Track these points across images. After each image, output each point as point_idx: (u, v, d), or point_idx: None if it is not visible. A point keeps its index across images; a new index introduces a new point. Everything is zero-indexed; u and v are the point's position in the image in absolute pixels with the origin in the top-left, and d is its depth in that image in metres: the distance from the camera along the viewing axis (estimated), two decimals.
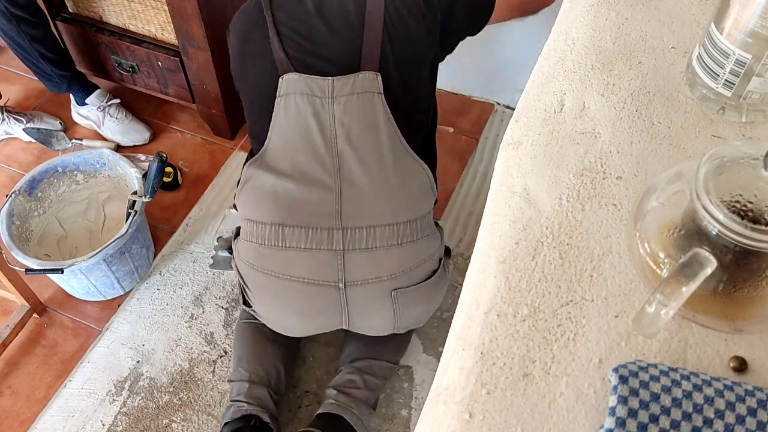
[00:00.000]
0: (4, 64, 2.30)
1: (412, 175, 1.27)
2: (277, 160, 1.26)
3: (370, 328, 1.38)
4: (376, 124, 1.23)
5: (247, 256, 1.31)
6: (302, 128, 1.23)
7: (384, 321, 1.34)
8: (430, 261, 1.31)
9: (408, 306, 1.32)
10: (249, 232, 1.30)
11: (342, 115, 1.22)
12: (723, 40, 0.64)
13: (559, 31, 0.79)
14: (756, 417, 0.47)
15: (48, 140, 2.07)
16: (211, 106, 1.99)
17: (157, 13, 1.80)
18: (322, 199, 1.24)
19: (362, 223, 1.24)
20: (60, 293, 1.78)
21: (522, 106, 0.72)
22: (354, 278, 1.26)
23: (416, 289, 1.31)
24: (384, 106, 1.22)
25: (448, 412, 0.52)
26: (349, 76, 1.22)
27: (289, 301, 1.31)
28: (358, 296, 1.28)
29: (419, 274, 1.30)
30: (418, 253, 1.28)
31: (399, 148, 1.24)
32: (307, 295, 1.28)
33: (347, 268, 1.25)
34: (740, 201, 0.49)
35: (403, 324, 1.37)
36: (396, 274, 1.27)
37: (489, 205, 0.65)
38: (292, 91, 1.23)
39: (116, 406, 1.60)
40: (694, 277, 0.48)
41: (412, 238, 1.27)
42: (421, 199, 1.29)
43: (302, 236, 1.25)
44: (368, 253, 1.25)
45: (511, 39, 1.98)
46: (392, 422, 1.57)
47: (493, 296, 0.57)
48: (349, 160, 1.22)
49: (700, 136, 0.67)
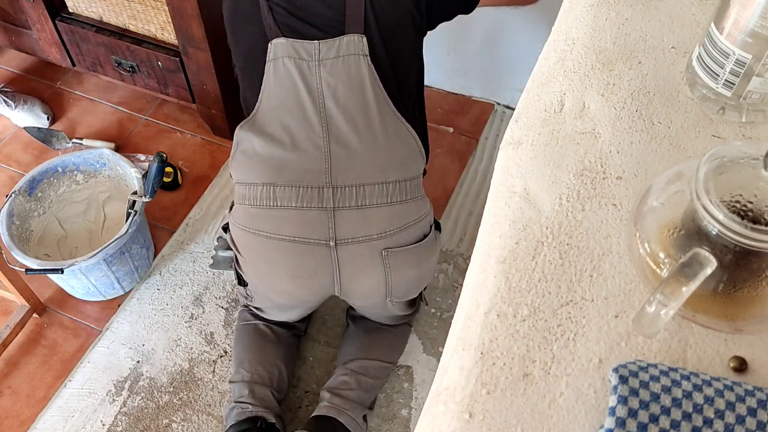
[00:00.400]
0: (4, 64, 2.30)
1: (399, 137, 1.29)
2: (266, 122, 1.28)
3: (361, 294, 1.38)
4: (362, 85, 1.26)
5: (240, 218, 1.33)
6: (291, 90, 1.27)
7: (376, 284, 1.34)
8: (419, 223, 1.33)
9: (399, 269, 1.32)
10: (242, 195, 1.32)
11: (328, 77, 1.25)
12: (723, 40, 0.64)
13: (559, 31, 0.79)
14: (756, 417, 0.47)
15: (48, 140, 2.08)
16: (211, 106, 1.99)
17: (157, 13, 1.80)
18: (311, 158, 1.26)
19: (352, 181, 1.26)
20: (60, 293, 1.78)
21: (522, 106, 0.72)
22: (344, 236, 1.27)
23: (407, 250, 1.32)
24: (370, 67, 1.26)
25: (448, 412, 0.52)
26: (335, 39, 1.26)
27: (280, 262, 1.31)
28: (349, 255, 1.29)
29: (409, 235, 1.32)
30: (407, 213, 1.30)
31: (386, 109, 1.27)
32: (298, 254, 1.29)
33: (338, 226, 1.27)
34: (740, 201, 0.49)
35: (396, 290, 1.37)
36: (386, 233, 1.28)
37: (489, 205, 0.65)
38: (280, 55, 1.27)
39: (116, 406, 1.60)
40: (694, 277, 0.48)
41: (401, 198, 1.29)
42: (409, 160, 1.31)
43: (293, 195, 1.26)
44: (358, 211, 1.27)
45: (511, 39, 1.98)
46: (392, 422, 1.57)
47: (493, 296, 0.57)
48: (336, 120, 1.25)
49: (700, 136, 0.67)
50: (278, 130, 1.28)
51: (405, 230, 1.30)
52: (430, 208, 1.38)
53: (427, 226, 1.36)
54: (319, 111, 1.26)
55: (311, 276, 1.32)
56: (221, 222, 1.91)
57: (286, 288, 1.36)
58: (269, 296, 1.42)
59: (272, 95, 1.28)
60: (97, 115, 2.17)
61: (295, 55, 1.26)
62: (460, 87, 2.17)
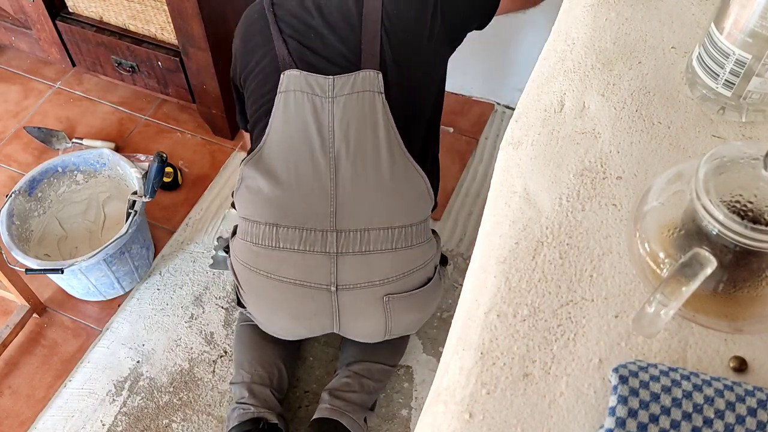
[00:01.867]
0: (4, 64, 2.30)
1: (408, 180, 1.26)
2: (273, 159, 1.25)
3: (361, 334, 1.38)
4: (375, 124, 1.22)
5: (241, 254, 1.31)
6: (300, 126, 1.23)
7: (375, 327, 1.34)
8: (424, 268, 1.30)
9: (400, 313, 1.31)
10: (244, 230, 1.30)
11: (342, 115, 1.21)
12: (723, 40, 0.64)
13: (559, 31, 0.79)
14: (756, 417, 0.47)
15: (48, 139, 2.08)
16: (211, 106, 1.99)
17: (157, 13, 1.80)
18: (316, 200, 1.23)
19: (356, 225, 1.23)
20: (60, 293, 1.78)
21: (522, 106, 0.72)
22: (346, 282, 1.25)
23: (409, 296, 1.30)
24: (384, 105, 1.22)
25: (448, 412, 0.52)
26: (350, 74, 1.22)
27: (280, 302, 1.30)
28: (350, 300, 1.27)
29: (413, 281, 1.30)
30: (412, 259, 1.28)
31: (397, 151, 1.23)
32: (299, 297, 1.27)
33: (340, 271, 1.25)
34: (740, 201, 0.49)
35: (395, 331, 1.37)
36: (389, 279, 1.26)
37: (489, 205, 0.65)
38: (292, 88, 1.23)
39: (116, 406, 1.60)
40: (694, 277, 0.48)
41: (407, 244, 1.26)
42: (417, 204, 1.28)
43: (296, 237, 1.24)
44: (362, 257, 1.24)
45: (511, 39, 1.98)
46: (392, 422, 1.57)
47: (493, 296, 0.57)
48: (344, 162, 1.22)
49: (700, 136, 0.67)
50: (284, 169, 1.24)
51: (408, 276, 1.28)
52: (438, 249, 1.35)
53: (431, 269, 1.33)
54: (327, 151, 1.22)
55: (311, 317, 1.31)
56: (221, 222, 1.91)
57: (286, 325, 1.36)
58: (268, 327, 1.43)
59: (280, 129, 1.25)
60: (97, 115, 2.17)
61: (308, 89, 1.22)
62: (460, 87, 2.17)
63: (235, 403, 1.46)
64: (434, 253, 1.33)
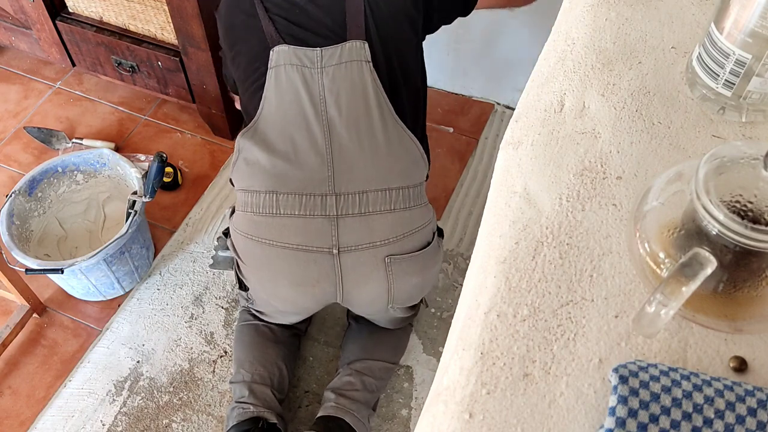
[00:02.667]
0: (4, 64, 2.30)
1: (401, 144, 1.29)
2: (268, 131, 1.28)
3: (364, 302, 1.38)
4: (364, 92, 1.26)
5: (242, 226, 1.32)
6: (293, 98, 1.26)
7: (378, 292, 1.34)
8: (423, 230, 1.32)
9: (402, 276, 1.32)
10: (244, 202, 1.31)
11: (331, 84, 1.25)
12: (723, 40, 0.63)
13: (559, 31, 0.79)
14: (756, 417, 0.47)
15: (48, 139, 2.08)
16: (211, 106, 1.99)
17: (157, 13, 1.80)
18: (313, 165, 1.26)
19: (354, 188, 1.26)
20: (60, 293, 1.79)
21: (522, 106, 0.72)
22: (347, 244, 1.27)
23: (410, 257, 1.31)
24: (372, 73, 1.26)
25: (448, 412, 0.52)
26: (337, 45, 1.26)
27: (283, 269, 1.31)
28: (352, 263, 1.28)
29: (412, 242, 1.31)
30: (411, 220, 1.30)
31: (388, 116, 1.27)
32: (301, 262, 1.28)
33: (341, 234, 1.26)
34: (740, 201, 0.49)
35: (398, 298, 1.37)
36: (389, 240, 1.28)
37: (489, 205, 0.65)
38: (282, 62, 1.26)
39: (116, 406, 1.60)
40: (694, 277, 0.47)
41: (404, 205, 1.28)
42: (412, 168, 1.30)
43: (296, 203, 1.26)
44: (361, 219, 1.26)
45: (511, 39, 1.98)
46: (392, 422, 1.57)
47: (493, 296, 0.57)
48: (338, 128, 1.25)
49: (700, 136, 0.67)
50: (280, 139, 1.27)
51: (408, 237, 1.30)
52: (434, 216, 1.38)
53: (430, 233, 1.35)
54: (321, 119, 1.26)
55: (314, 284, 1.32)
56: (221, 222, 1.91)
57: (288, 295, 1.36)
58: (270, 302, 1.43)
59: (273, 102, 1.28)
60: (97, 115, 2.17)
61: (298, 62, 1.26)
62: (460, 87, 2.17)
63: (234, 402, 1.46)
64: (431, 217, 1.35)
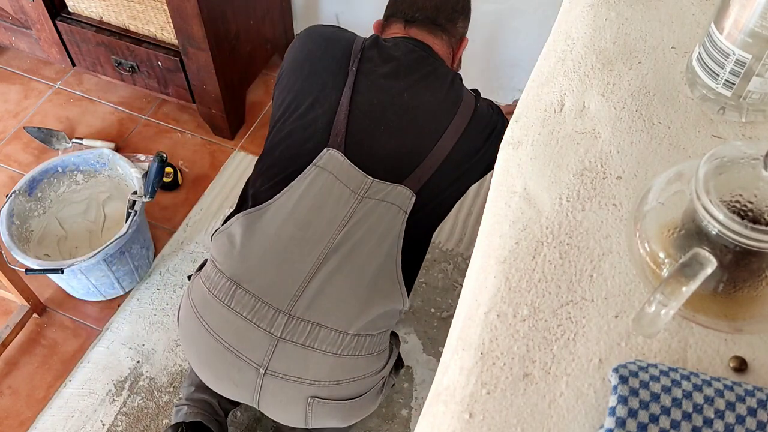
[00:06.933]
0: (4, 64, 2.30)
1: (387, 297, 1.21)
2: (270, 226, 1.20)
3: (278, 419, 1.30)
4: (385, 238, 1.19)
5: (195, 293, 1.24)
6: (314, 209, 1.19)
7: (293, 420, 1.26)
8: (363, 380, 1.23)
9: (321, 418, 1.24)
10: (208, 273, 1.23)
11: (361, 216, 1.18)
12: (723, 40, 0.63)
13: (559, 31, 0.79)
14: (756, 417, 0.47)
15: (48, 139, 2.08)
16: (211, 106, 1.99)
17: (157, 13, 1.80)
18: (288, 279, 1.17)
19: (311, 317, 1.17)
20: (60, 293, 1.79)
21: (522, 106, 0.72)
22: (276, 369, 1.18)
23: (335, 404, 1.22)
24: (403, 225, 1.20)
25: (448, 412, 0.52)
26: (389, 184, 1.20)
27: (209, 358, 1.23)
28: (273, 388, 1.20)
29: (346, 390, 1.22)
30: (353, 368, 1.20)
31: (390, 269, 1.20)
32: (227, 362, 1.20)
33: (275, 357, 1.17)
34: (740, 201, 0.49)
35: (316, 425, 1.28)
36: (320, 382, 1.19)
37: (489, 205, 0.65)
38: (329, 169, 1.19)
39: (116, 406, 1.60)
40: (694, 277, 0.47)
41: (353, 353, 1.19)
42: (383, 317, 1.21)
43: (249, 305, 1.17)
44: (302, 350, 1.17)
45: (511, 39, 1.98)
46: (392, 422, 1.57)
47: (493, 296, 0.57)
48: (337, 255, 1.17)
49: (700, 136, 0.67)
50: (275, 239, 1.19)
51: (343, 384, 1.20)
52: (386, 363, 1.27)
53: (370, 383, 1.25)
54: (327, 241, 1.18)
55: (233, 386, 1.24)
56: (221, 222, 1.91)
57: (209, 380, 1.29)
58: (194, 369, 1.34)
59: (293, 202, 1.19)
60: (97, 115, 2.17)
61: (344, 179, 1.18)
62: None
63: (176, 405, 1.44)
64: (379, 367, 1.25)
